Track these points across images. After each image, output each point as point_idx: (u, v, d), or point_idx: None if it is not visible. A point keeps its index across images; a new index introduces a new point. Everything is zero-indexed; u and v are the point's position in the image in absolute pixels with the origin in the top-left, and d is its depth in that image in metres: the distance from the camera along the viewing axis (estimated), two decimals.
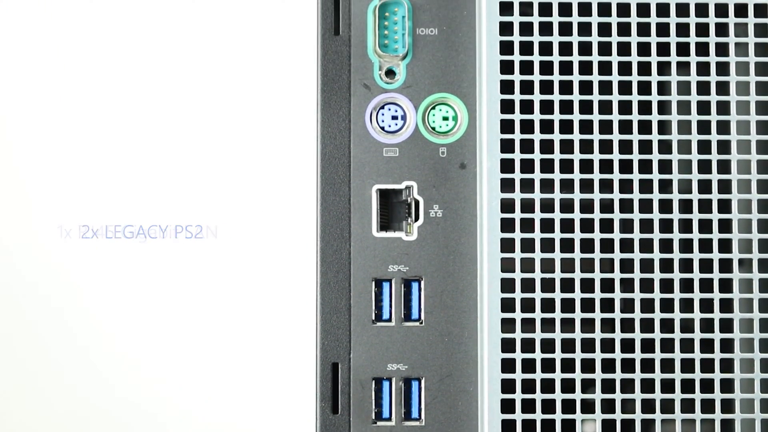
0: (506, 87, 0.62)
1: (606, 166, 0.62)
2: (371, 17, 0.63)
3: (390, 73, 0.64)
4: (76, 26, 0.65)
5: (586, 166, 0.62)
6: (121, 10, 0.64)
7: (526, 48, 0.62)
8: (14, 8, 0.65)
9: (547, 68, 0.62)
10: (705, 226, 0.62)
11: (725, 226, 0.61)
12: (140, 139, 0.65)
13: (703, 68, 0.62)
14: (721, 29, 0.62)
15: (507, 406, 0.61)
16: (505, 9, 0.63)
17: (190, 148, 0.64)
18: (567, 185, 0.62)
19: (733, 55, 0.62)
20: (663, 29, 0.62)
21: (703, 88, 0.62)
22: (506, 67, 0.62)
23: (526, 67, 0.62)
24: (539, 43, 0.63)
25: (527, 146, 0.62)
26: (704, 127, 0.62)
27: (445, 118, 0.64)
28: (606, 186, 0.62)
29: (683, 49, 0.62)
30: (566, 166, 0.62)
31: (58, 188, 0.65)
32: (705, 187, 0.62)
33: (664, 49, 0.62)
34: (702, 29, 0.62)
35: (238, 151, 0.63)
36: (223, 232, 0.63)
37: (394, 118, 0.64)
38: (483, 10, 0.63)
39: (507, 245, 0.61)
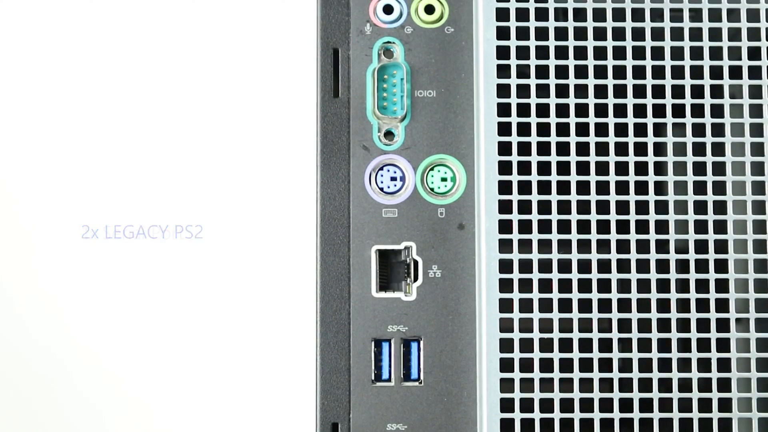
0: (504, 148, 0.63)
1: (603, 227, 0.63)
2: (370, 80, 0.65)
3: (389, 134, 0.65)
4: (76, 31, 0.66)
5: (584, 227, 0.63)
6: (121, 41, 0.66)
7: (523, 110, 0.64)
8: (15, 9, 0.66)
9: (544, 129, 0.64)
10: (701, 285, 0.63)
11: (722, 284, 0.63)
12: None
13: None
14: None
15: None
16: (503, 71, 0.64)
17: (191, 219, 0.65)
18: (564, 245, 0.63)
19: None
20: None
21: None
22: (504, 129, 0.64)
23: (524, 129, 0.64)
24: (536, 104, 0.64)
25: (525, 207, 0.63)
26: (701, 185, 0.63)
27: (444, 179, 0.65)
28: (603, 245, 0.63)
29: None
30: (563, 227, 0.63)
31: (57, 189, 0.65)
32: (702, 247, 0.63)
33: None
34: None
35: (238, 216, 0.64)
36: (225, 309, 0.64)
37: (393, 179, 0.65)
38: (480, 73, 0.64)
39: (505, 305, 0.62)
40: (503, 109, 0.64)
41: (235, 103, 0.64)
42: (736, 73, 0.65)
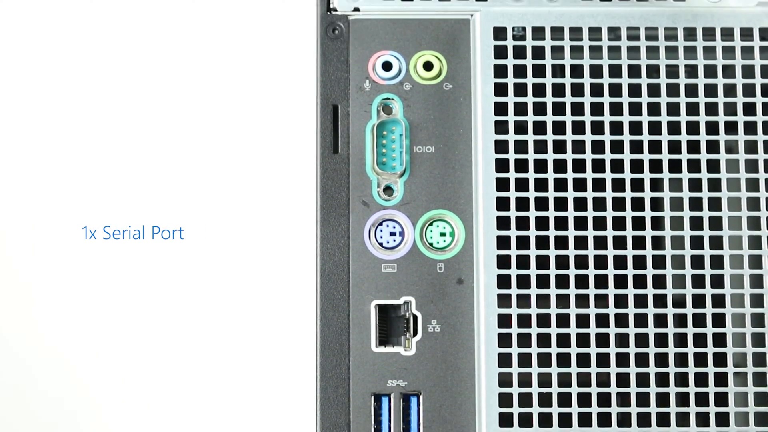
0: (502, 204, 0.65)
1: (601, 281, 0.64)
2: (369, 136, 0.66)
3: (388, 190, 0.67)
4: (72, 35, 0.66)
5: (582, 281, 0.64)
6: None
7: (521, 166, 0.65)
8: (15, 11, 0.67)
9: (542, 185, 0.65)
10: (700, 339, 0.64)
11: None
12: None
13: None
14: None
15: None
16: (501, 127, 0.65)
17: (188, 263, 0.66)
18: (563, 299, 0.64)
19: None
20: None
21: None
22: (502, 185, 0.65)
23: (522, 185, 0.65)
24: (534, 160, 0.65)
25: (523, 262, 0.64)
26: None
27: (443, 234, 0.66)
28: (601, 299, 0.64)
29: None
30: (562, 281, 0.64)
31: (53, 191, 0.66)
32: (699, 300, 0.65)
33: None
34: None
35: (238, 274, 0.65)
36: (221, 354, 0.65)
37: (393, 234, 0.66)
38: (479, 129, 0.65)
39: (504, 360, 0.63)
40: (501, 165, 0.65)
41: (235, 160, 0.65)
42: (732, 127, 0.66)
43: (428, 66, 0.67)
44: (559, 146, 0.65)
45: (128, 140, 0.69)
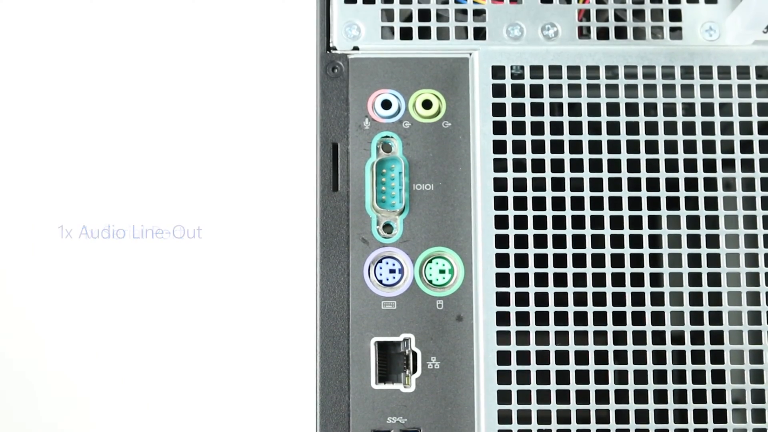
0: (501, 241, 0.65)
1: (600, 318, 0.65)
2: (369, 174, 0.67)
3: (387, 227, 0.67)
4: (66, 35, 0.67)
5: (581, 318, 0.65)
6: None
7: (520, 203, 0.66)
8: (11, 10, 0.68)
9: (541, 223, 0.66)
10: (698, 376, 0.64)
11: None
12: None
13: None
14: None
15: None
16: (499, 165, 0.66)
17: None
18: (562, 337, 0.65)
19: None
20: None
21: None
22: (501, 222, 0.66)
23: (521, 222, 0.66)
24: (533, 198, 0.66)
25: (522, 299, 0.65)
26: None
27: (442, 272, 0.67)
28: (600, 335, 0.65)
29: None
30: (561, 318, 0.65)
31: (58, 190, 0.67)
32: (698, 337, 0.65)
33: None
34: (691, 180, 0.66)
35: (237, 320, 0.66)
36: (219, 400, 0.66)
37: (392, 271, 0.67)
38: (477, 167, 0.66)
39: (503, 397, 0.64)
40: (500, 203, 0.66)
41: (236, 199, 0.66)
42: (729, 164, 0.67)
43: (427, 104, 0.68)
44: (558, 184, 0.66)
45: (129, 169, 0.70)
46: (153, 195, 0.70)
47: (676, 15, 0.69)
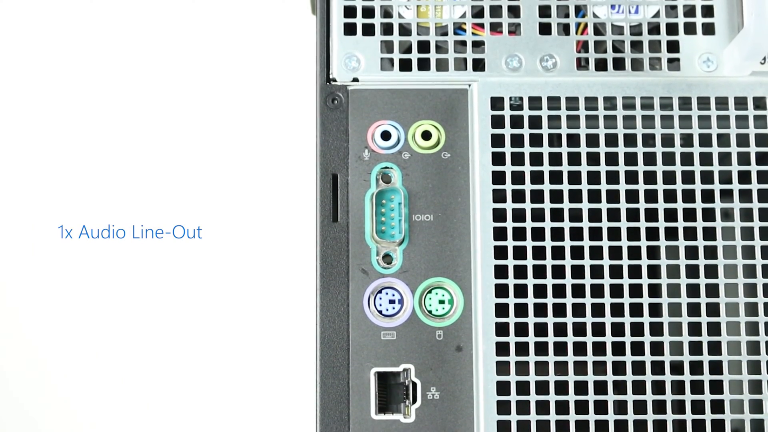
0: (500, 272, 0.66)
1: (599, 348, 0.66)
2: (368, 205, 0.68)
3: (387, 257, 0.68)
4: (74, 39, 0.68)
5: (580, 349, 0.66)
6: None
7: (519, 234, 0.67)
8: (16, 10, 0.68)
9: (540, 253, 0.67)
10: (697, 406, 0.65)
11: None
12: None
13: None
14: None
15: None
16: (498, 196, 0.67)
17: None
18: (561, 367, 0.65)
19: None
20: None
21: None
22: (500, 253, 0.66)
23: (520, 253, 0.66)
24: (532, 228, 0.67)
25: (522, 329, 0.66)
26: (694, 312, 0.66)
27: (441, 302, 0.68)
28: (599, 365, 0.66)
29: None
30: (560, 349, 0.66)
31: (58, 190, 0.67)
32: (697, 367, 0.66)
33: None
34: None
35: (238, 348, 0.67)
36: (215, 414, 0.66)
37: (392, 302, 0.68)
38: (477, 198, 0.67)
39: (503, 427, 0.65)
40: (499, 233, 0.67)
41: (237, 229, 0.67)
42: (727, 195, 0.68)
43: (426, 135, 0.69)
44: (557, 215, 0.67)
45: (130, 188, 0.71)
46: (153, 195, 0.71)
47: (673, 46, 0.70)
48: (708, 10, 0.71)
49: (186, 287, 0.70)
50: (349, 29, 0.70)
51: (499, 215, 0.67)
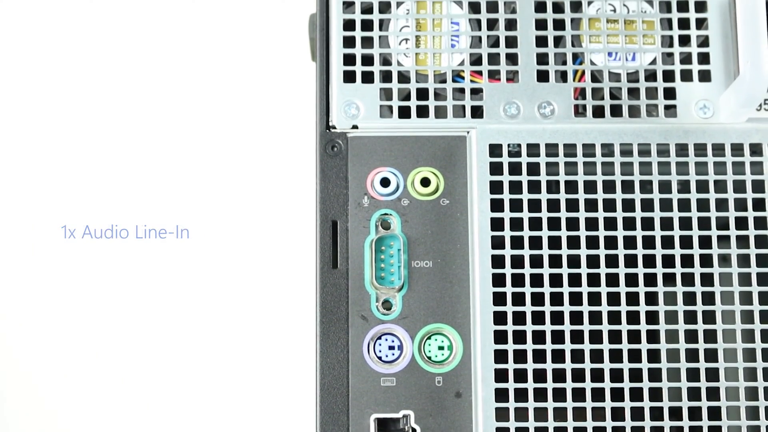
0: (499, 318, 0.67)
1: (598, 394, 0.67)
2: (368, 251, 0.69)
3: (386, 304, 0.69)
4: (76, 41, 0.68)
5: (579, 395, 0.67)
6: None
7: (518, 280, 0.68)
8: (17, 10, 0.69)
9: (538, 299, 0.68)
10: None
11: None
12: None
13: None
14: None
15: None
16: (497, 242, 0.68)
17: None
18: (560, 413, 0.66)
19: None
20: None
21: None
22: (499, 299, 0.67)
23: (518, 299, 0.67)
24: (530, 275, 0.68)
25: (521, 376, 0.67)
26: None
27: (441, 348, 0.69)
28: (598, 411, 0.67)
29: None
30: (559, 394, 0.67)
31: (60, 191, 0.68)
32: (696, 413, 0.67)
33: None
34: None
35: (240, 400, 0.68)
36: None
37: (391, 348, 0.68)
38: (476, 244, 0.68)
39: None
40: (498, 279, 0.68)
41: (237, 276, 0.68)
42: (724, 240, 0.69)
43: (425, 182, 0.70)
44: (555, 261, 0.68)
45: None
46: (156, 196, 0.72)
47: (670, 93, 0.72)
48: (704, 58, 0.72)
49: (187, 287, 0.71)
50: (349, 77, 0.72)
51: (497, 262, 0.68)
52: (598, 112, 0.71)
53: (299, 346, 0.72)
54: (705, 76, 0.72)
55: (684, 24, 0.72)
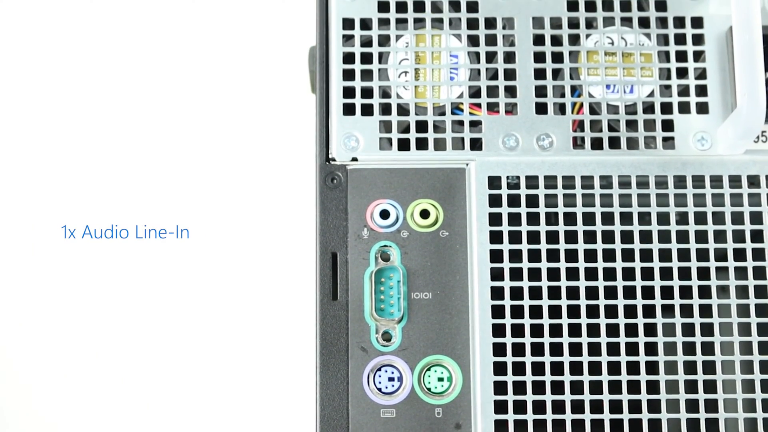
0: (499, 349, 0.68)
1: (597, 426, 0.67)
2: (368, 283, 0.70)
3: (386, 335, 0.70)
4: (76, 40, 0.69)
5: (578, 426, 0.67)
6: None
7: (517, 312, 0.68)
8: (17, 10, 0.70)
9: (537, 331, 0.68)
10: None
11: None
12: None
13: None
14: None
15: None
16: (497, 274, 0.69)
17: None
18: None
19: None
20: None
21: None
22: (498, 331, 0.68)
23: (518, 331, 0.68)
24: (529, 306, 0.69)
25: (520, 407, 0.67)
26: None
27: (440, 380, 0.69)
28: None
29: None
30: (558, 426, 0.67)
31: (60, 190, 0.68)
32: None
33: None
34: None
35: (239, 400, 0.68)
36: None
37: (391, 379, 0.69)
38: (475, 276, 0.69)
39: None
40: (497, 311, 0.68)
41: (236, 311, 0.69)
42: (723, 272, 0.70)
43: (425, 214, 0.71)
44: (554, 292, 0.69)
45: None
46: (156, 196, 0.72)
47: (668, 125, 0.72)
48: (702, 90, 0.73)
49: (187, 288, 0.72)
50: (348, 109, 0.73)
51: (497, 293, 0.69)
52: (597, 144, 0.72)
53: (299, 346, 0.73)
54: (702, 109, 0.73)
55: (681, 56, 0.73)
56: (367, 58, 0.73)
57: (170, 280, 0.73)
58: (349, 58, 0.73)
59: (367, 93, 0.73)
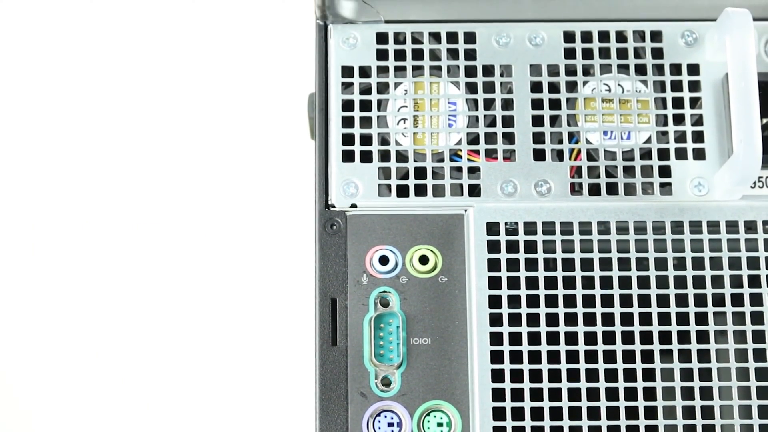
0: (498, 395, 0.70)
1: None
2: (367, 328, 0.72)
3: (386, 381, 0.71)
4: (76, 41, 0.70)
5: None
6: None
7: (516, 357, 0.70)
8: (17, 10, 0.71)
9: (536, 376, 0.70)
10: None
11: None
12: None
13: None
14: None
15: None
16: (495, 320, 0.71)
17: None
18: None
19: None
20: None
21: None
22: (497, 376, 0.70)
23: (517, 376, 0.70)
24: (528, 351, 0.70)
25: None
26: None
27: (440, 425, 0.71)
28: None
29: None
30: None
31: (60, 190, 0.70)
32: None
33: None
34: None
35: (240, 400, 0.69)
36: None
37: (390, 425, 0.71)
38: (474, 321, 0.71)
39: None
40: (496, 357, 0.70)
41: (235, 352, 0.70)
42: (721, 316, 0.71)
43: (424, 260, 0.73)
44: (553, 338, 0.70)
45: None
46: (157, 197, 0.74)
47: (665, 171, 0.74)
48: (698, 136, 0.75)
49: (187, 288, 0.73)
50: (348, 156, 0.74)
51: (496, 339, 0.70)
52: (594, 190, 0.74)
53: (299, 392, 0.74)
54: (699, 155, 0.74)
55: (678, 103, 0.75)
56: (366, 106, 0.75)
57: (169, 281, 0.74)
58: (348, 105, 0.75)
59: (366, 140, 0.75)
